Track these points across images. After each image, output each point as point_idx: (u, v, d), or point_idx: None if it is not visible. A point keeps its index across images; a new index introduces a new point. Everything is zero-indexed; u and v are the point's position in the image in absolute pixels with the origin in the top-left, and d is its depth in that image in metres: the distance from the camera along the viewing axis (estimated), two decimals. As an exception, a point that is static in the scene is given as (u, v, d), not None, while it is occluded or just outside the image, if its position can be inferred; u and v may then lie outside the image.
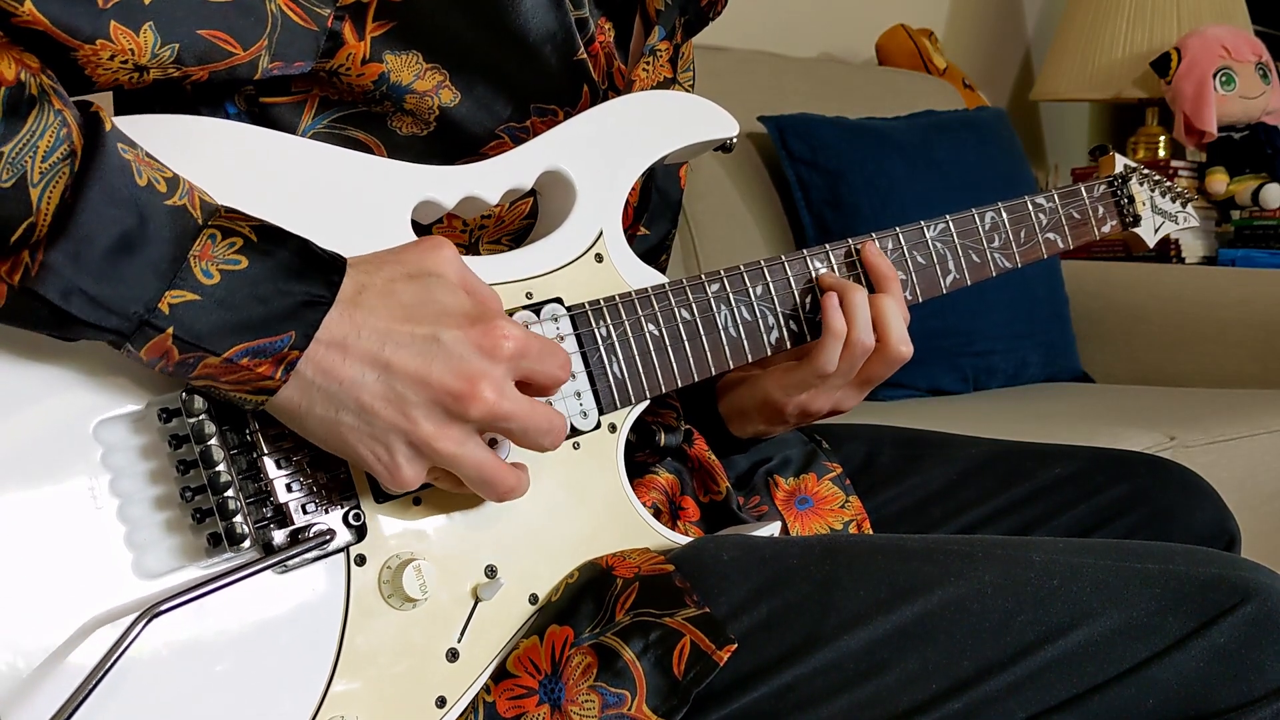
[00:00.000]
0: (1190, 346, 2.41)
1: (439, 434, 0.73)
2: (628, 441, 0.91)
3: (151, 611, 0.69)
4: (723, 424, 1.07)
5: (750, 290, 0.96)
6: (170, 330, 0.68)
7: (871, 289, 1.01)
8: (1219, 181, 2.84)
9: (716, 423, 1.07)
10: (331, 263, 0.73)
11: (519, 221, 0.94)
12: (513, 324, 0.75)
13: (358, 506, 0.77)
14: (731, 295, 0.95)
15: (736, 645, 0.79)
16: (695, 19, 1.06)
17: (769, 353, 0.97)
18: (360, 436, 0.73)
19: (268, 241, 0.71)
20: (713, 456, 1.05)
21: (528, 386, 0.77)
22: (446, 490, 0.79)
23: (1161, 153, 3.05)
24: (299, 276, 0.71)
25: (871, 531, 1.08)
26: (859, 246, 1.02)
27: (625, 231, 0.94)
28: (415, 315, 0.73)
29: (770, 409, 1.02)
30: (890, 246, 1.03)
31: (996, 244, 1.09)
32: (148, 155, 0.70)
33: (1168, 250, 2.74)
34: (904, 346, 0.99)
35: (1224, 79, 2.81)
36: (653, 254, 1.11)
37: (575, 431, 0.87)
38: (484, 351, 0.73)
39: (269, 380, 0.70)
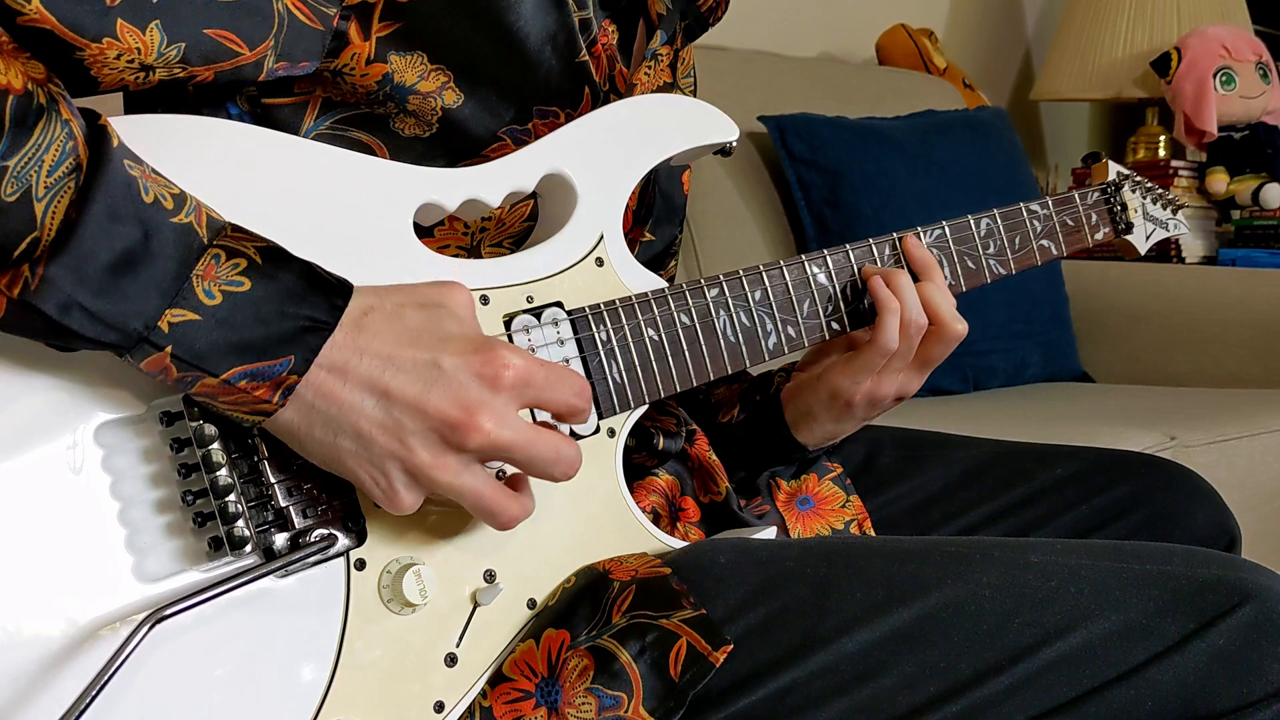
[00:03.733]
0: (1190, 346, 2.41)
1: (436, 463, 0.72)
2: (626, 445, 0.91)
3: (156, 616, 0.69)
4: (787, 432, 1.06)
5: (749, 295, 0.96)
6: (169, 349, 0.67)
7: (915, 278, 1.02)
8: (1219, 181, 2.84)
9: (779, 432, 1.06)
10: (337, 287, 0.72)
11: (519, 224, 0.94)
12: (516, 353, 0.74)
13: (358, 511, 0.77)
14: (730, 300, 0.95)
15: (733, 646, 0.79)
16: (695, 23, 1.06)
17: (766, 359, 0.97)
18: (358, 461, 0.73)
19: (272, 264, 0.70)
20: (713, 456, 1.05)
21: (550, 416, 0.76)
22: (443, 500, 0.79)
23: (1161, 152, 3.05)
24: (302, 300, 0.70)
25: (873, 530, 1.09)
26: (899, 239, 1.03)
27: (626, 236, 0.94)
28: (419, 341, 0.73)
29: (839, 402, 1.02)
30: (887, 252, 1.03)
31: (991, 250, 1.10)
32: (154, 171, 0.69)
33: (1168, 250, 2.74)
34: (958, 324, 1.01)
35: (1224, 79, 2.81)
36: (659, 260, 1.11)
37: (574, 436, 0.87)
38: (484, 380, 0.73)
39: (266, 404, 0.70)
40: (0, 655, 0.68)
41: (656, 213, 1.08)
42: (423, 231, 0.86)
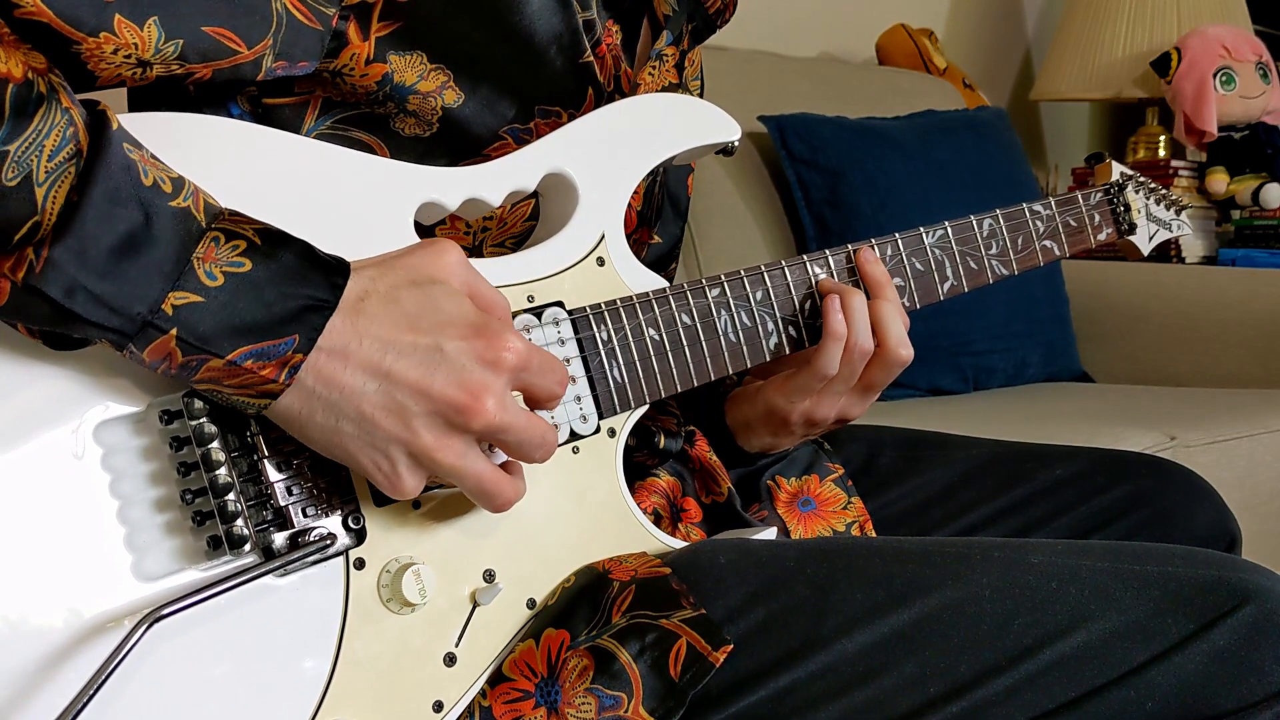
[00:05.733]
0: (1190, 346, 2.41)
1: (440, 445, 0.73)
2: (627, 444, 0.91)
3: (153, 616, 0.69)
4: (732, 438, 1.06)
5: (750, 295, 0.96)
6: (174, 331, 0.67)
7: (868, 295, 1.01)
8: (1219, 181, 2.84)
9: (726, 437, 1.06)
10: (335, 266, 0.72)
11: (521, 223, 0.94)
12: (516, 335, 0.74)
13: (357, 510, 0.77)
14: (731, 300, 0.95)
15: (733, 647, 0.79)
16: (703, 26, 1.06)
17: (768, 358, 0.97)
18: (360, 445, 0.73)
19: (271, 244, 0.71)
20: (714, 457, 1.05)
21: (524, 399, 0.77)
22: (442, 497, 0.79)
23: (1161, 152, 3.05)
24: (302, 280, 0.71)
25: (874, 533, 1.08)
26: (855, 251, 1.02)
27: (631, 237, 0.94)
28: (418, 324, 0.73)
29: (775, 419, 1.02)
30: (889, 253, 1.03)
31: (994, 251, 1.09)
32: (152, 156, 0.70)
33: (1168, 250, 2.73)
34: (903, 350, 0.99)
35: (1224, 79, 2.81)
36: (664, 260, 1.11)
37: (575, 435, 0.87)
38: (486, 363, 0.73)
39: (272, 383, 0.70)
40: (-1, 654, 0.68)
41: (665, 213, 1.08)
42: (424, 230, 0.86)
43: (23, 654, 0.68)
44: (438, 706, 0.79)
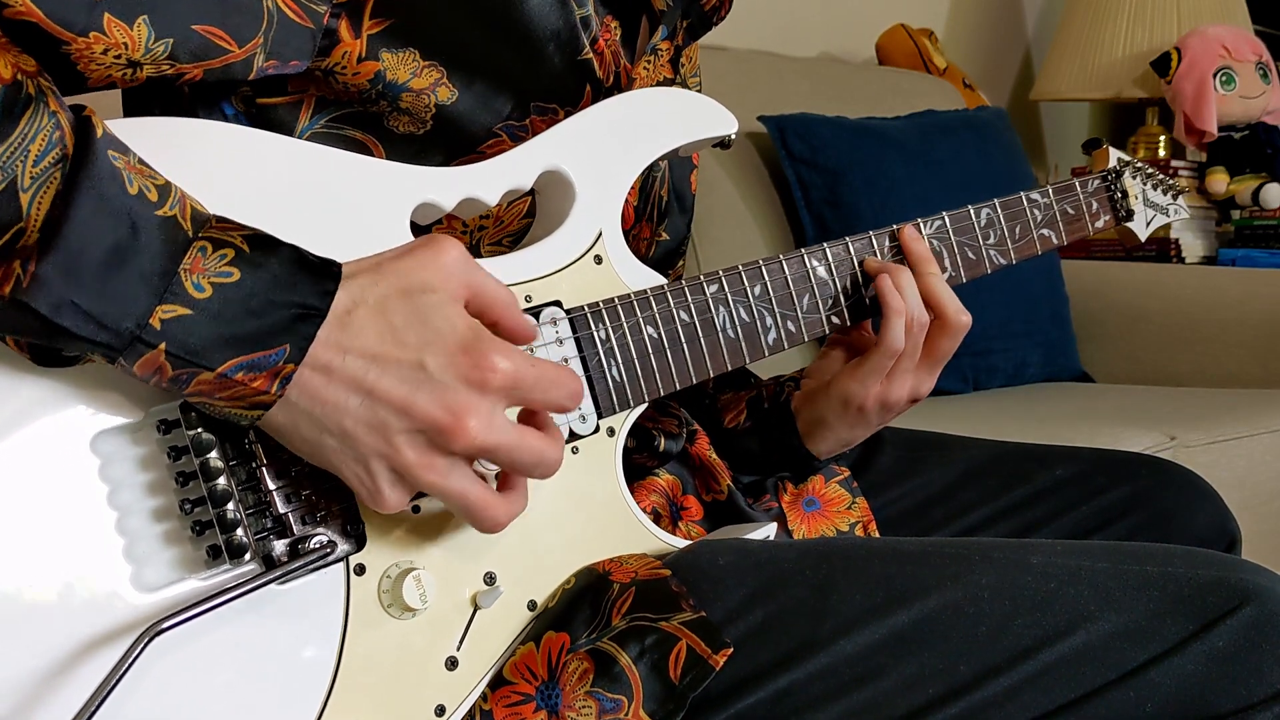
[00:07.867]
0: (1190, 346, 2.41)
1: (422, 463, 0.72)
2: (627, 445, 0.91)
3: (154, 629, 0.69)
4: (798, 441, 1.05)
5: (748, 291, 0.96)
6: (163, 346, 0.67)
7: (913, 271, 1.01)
8: (1219, 181, 2.83)
9: (789, 441, 1.05)
10: (325, 270, 0.71)
11: (517, 222, 0.93)
12: (505, 354, 0.72)
13: (357, 516, 0.77)
14: (730, 296, 0.95)
15: (732, 650, 0.78)
16: (698, 22, 1.05)
17: (766, 355, 0.96)
18: (344, 459, 0.72)
19: (259, 252, 0.69)
20: (714, 455, 1.05)
21: (532, 415, 0.76)
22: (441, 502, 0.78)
23: (1161, 152, 3.05)
24: (291, 287, 0.70)
25: (877, 533, 1.08)
26: (899, 229, 1.02)
27: (629, 233, 0.93)
28: (404, 339, 0.71)
29: (851, 408, 1.01)
30: (887, 244, 1.03)
31: (992, 240, 1.09)
32: (139, 162, 0.69)
33: (1168, 250, 2.73)
34: (964, 315, 1.00)
35: (1224, 79, 2.81)
36: (672, 257, 1.10)
37: (574, 435, 0.87)
38: (471, 383, 0.71)
39: (265, 395, 0.70)
40: (-1, 666, 0.68)
41: (671, 210, 1.07)
42: (420, 231, 0.86)
43: (24, 667, 0.68)
44: (440, 710, 0.79)
